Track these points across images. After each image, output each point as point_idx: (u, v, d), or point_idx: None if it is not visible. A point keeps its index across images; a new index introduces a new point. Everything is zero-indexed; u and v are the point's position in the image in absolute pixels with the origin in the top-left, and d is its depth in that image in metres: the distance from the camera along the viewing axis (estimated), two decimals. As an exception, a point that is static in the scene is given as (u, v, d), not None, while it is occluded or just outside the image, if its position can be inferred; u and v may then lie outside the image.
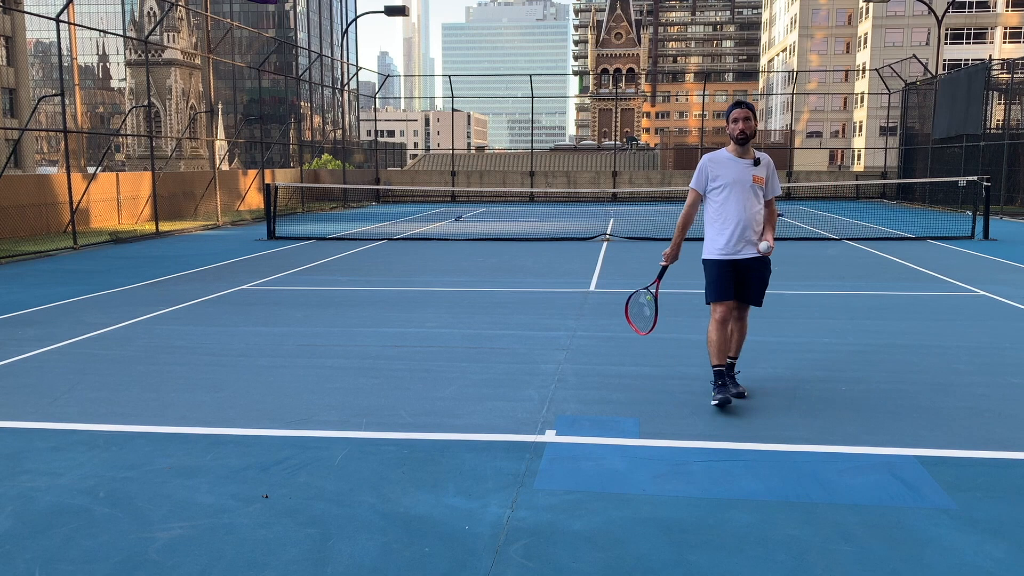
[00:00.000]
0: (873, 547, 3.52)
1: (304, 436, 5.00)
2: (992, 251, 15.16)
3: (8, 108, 51.97)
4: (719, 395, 5.47)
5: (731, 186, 5.46)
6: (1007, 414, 5.36)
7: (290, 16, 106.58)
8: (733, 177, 5.47)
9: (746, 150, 5.50)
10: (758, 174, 5.47)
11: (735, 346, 5.83)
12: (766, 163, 5.56)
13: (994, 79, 28.86)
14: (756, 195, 5.50)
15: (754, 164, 5.47)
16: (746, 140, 5.43)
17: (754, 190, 5.48)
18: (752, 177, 5.46)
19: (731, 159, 5.50)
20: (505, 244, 17.26)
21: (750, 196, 5.47)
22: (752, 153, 5.51)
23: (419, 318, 8.85)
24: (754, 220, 5.50)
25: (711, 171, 5.54)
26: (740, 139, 5.41)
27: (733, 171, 5.48)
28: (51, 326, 8.53)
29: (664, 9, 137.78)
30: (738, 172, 5.47)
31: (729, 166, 5.50)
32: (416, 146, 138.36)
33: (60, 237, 18.48)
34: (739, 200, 5.45)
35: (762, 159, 5.53)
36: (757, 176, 5.46)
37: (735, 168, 5.48)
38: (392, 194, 39.29)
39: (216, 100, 47.01)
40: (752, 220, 5.48)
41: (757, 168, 5.47)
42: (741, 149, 5.48)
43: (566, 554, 3.47)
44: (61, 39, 19.08)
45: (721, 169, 5.51)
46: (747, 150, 5.50)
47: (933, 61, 46.40)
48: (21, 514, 3.90)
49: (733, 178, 5.47)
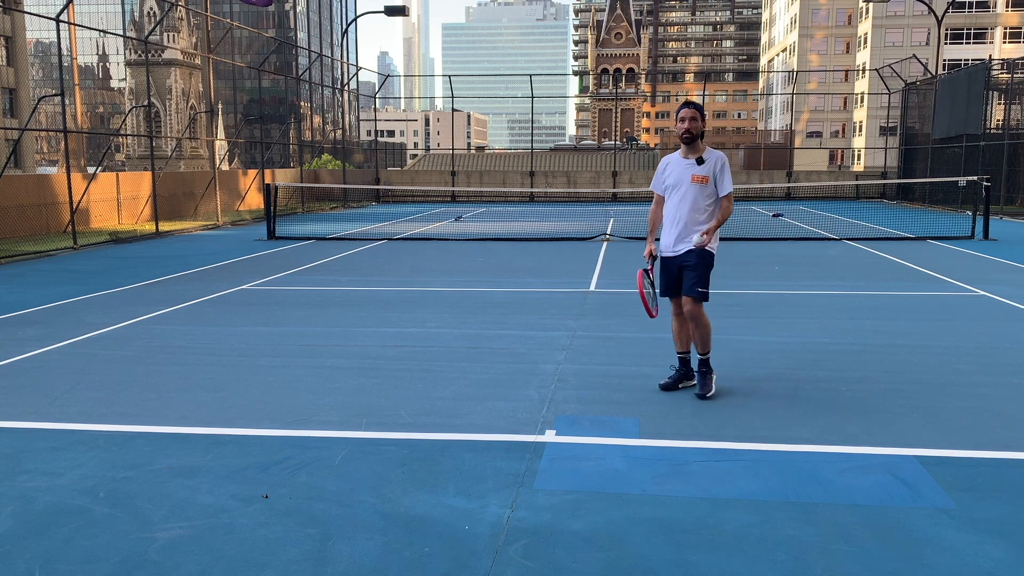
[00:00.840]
0: (873, 547, 3.52)
1: (304, 436, 5.00)
2: (992, 251, 15.16)
3: (8, 108, 51.97)
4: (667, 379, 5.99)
5: (675, 187, 5.66)
6: (1007, 414, 5.36)
7: (290, 16, 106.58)
8: (676, 178, 5.66)
9: (692, 149, 5.60)
10: (698, 173, 5.56)
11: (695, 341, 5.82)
12: (713, 161, 5.60)
13: (994, 79, 28.85)
14: (701, 194, 5.58)
15: (697, 163, 5.57)
16: (691, 140, 5.55)
17: (698, 189, 5.57)
18: (691, 176, 5.57)
19: (678, 160, 5.68)
20: (505, 244, 17.26)
21: (694, 195, 5.59)
22: (699, 152, 5.61)
23: (419, 318, 8.85)
24: (697, 220, 5.62)
25: (663, 172, 5.78)
26: (685, 139, 5.56)
27: (677, 171, 5.66)
28: (51, 326, 8.53)
29: (664, 9, 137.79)
30: (680, 172, 5.64)
31: (675, 167, 5.68)
32: (416, 146, 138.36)
33: (60, 237, 18.48)
34: (681, 200, 5.62)
35: (709, 158, 5.60)
36: (696, 175, 5.56)
37: (679, 168, 5.66)
38: (392, 194, 39.29)
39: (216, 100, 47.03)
40: (695, 220, 5.62)
41: (700, 167, 5.57)
42: (687, 149, 5.62)
43: (566, 554, 3.47)
44: (61, 39, 19.08)
45: (670, 170, 5.73)
46: (694, 149, 5.60)
47: (933, 61, 46.40)
48: (21, 514, 3.90)
49: (676, 179, 5.66)
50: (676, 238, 5.69)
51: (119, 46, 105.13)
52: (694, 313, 5.70)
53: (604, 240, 17.73)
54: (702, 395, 5.70)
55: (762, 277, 11.90)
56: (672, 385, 5.90)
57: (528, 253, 15.41)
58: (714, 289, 10.83)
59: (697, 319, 5.71)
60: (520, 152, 60.73)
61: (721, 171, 5.61)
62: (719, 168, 5.61)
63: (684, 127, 5.53)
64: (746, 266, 13.20)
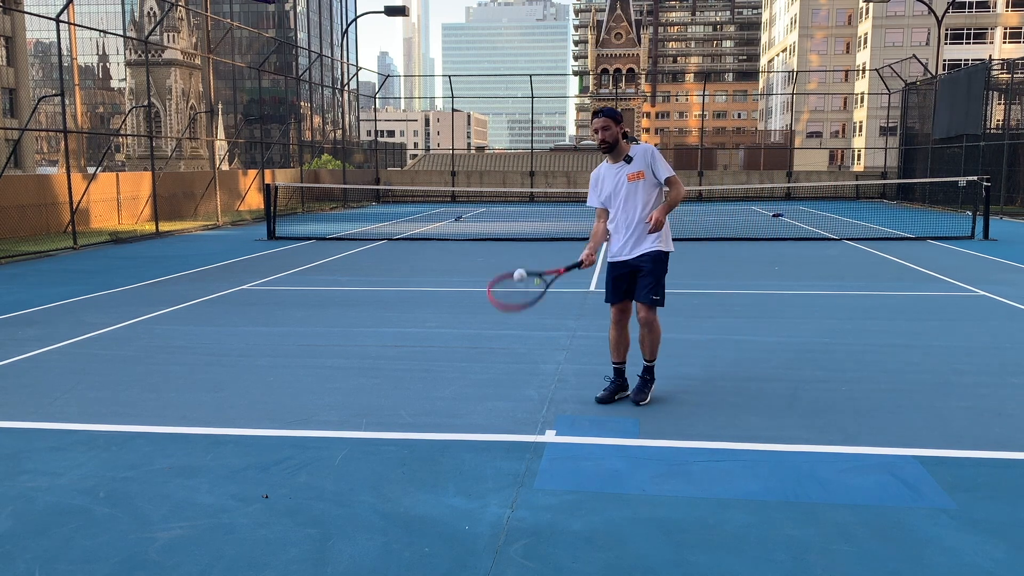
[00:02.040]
0: (873, 547, 3.52)
1: (304, 436, 5.00)
2: (992, 251, 15.16)
3: (8, 108, 51.96)
4: (603, 392, 5.71)
5: (615, 194, 5.50)
6: (1007, 414, 5.36)
7: (290, 16, 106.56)
8: (612, 185, 5.49)
9: (617, 154, 5.43)
10: (631, 171, 5.40)
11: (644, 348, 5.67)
12: (641, 154, 5.41)
13: (994, 79, 28.85)
14: (643, 190, 5.41)
15: (627, 163, 5.41)
16: (610, 148, 5.37)
17: (636, 188, 5.41)
18: (627, 176, 5.41)
19: (608, 168, 5.52)
20: (505, 244, 17.26)
21: (634, 197, 5.43)
22: (623, 153, 5.43)
23: (419, 318, 8.85)
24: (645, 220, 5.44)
25: (597, 185, 5.61)
26: (603, 149, 5.40)
27: (611, 181, 5.50)
28: (51, 326, 8.53)
29: (664, 9, 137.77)
30: (614, 179, 5.47)
31: (607, 177, 5.53)
32: (416, 146, 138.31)
33: (60, 237, 18.47)
34: (626, 203, 5.46)
35: (635, 153, 5.41)
36: (630, 174, 5.40)
37: (611, 176, 5.50)
38: (392, 194, 39.29)
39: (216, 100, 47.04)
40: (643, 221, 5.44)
41: (630, 166, 5.40)
42: (611, 156, 5.45)
43: (566, 554, 3.47)
44: (61, 39, 19.08)
45: (604, 181, 5.56)
46: (618, 154, 5.43)
47: (933, 61, 46.38)
48: (21, 514, 3.90)
49: (612, 186, 5.49)
50: (633, 242, 5.52)
51: (119, 46, 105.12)
52: (648, 320, 5.55)
53: (604, 240, 17.70)
54: (638, 401, 5.57)
55: (762, 277, 11.90)
56: (608, 398, 5.67)
57: (528, 253, 15.40)
58: (714, 289, 10.91)
59: (651, 325, 5.57)
60: (520, 152, 60.71)
61: (653, 159, 5.40)
62: (650, 158, 5.41)
63: (599, 138, 5.36)
64: (746, 266, 13.20)
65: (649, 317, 5.54)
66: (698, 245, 16.70)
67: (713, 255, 14.77)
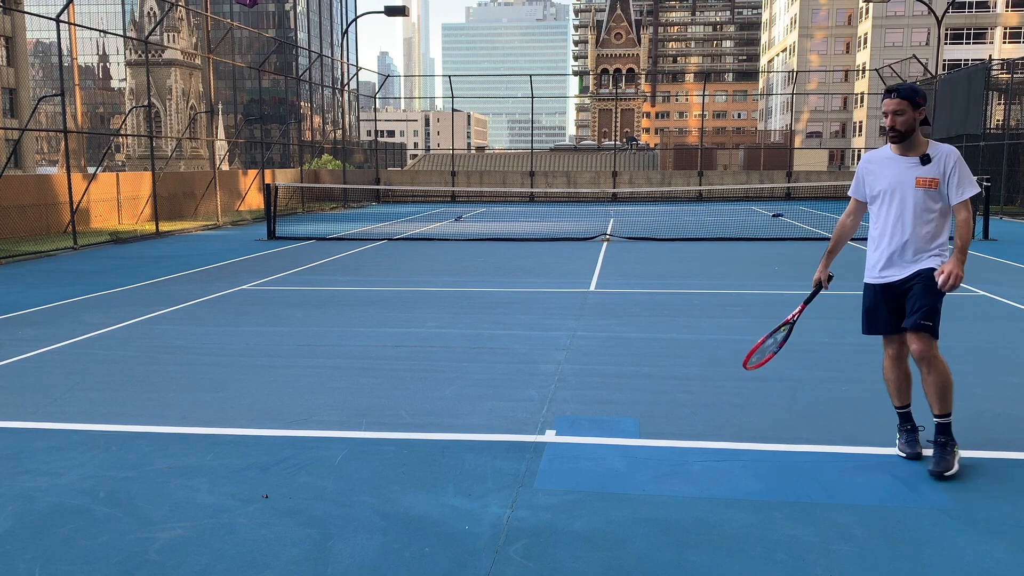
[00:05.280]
0: (873, 547, 3.52)
1: (304, 436, 5.00)
2: (992, 251, 15.16)
3: (8, 108, 51.95)
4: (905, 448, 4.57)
5: (886, 194, 4.43)
6: (1007, 414, 5.36)
7: (290, 16, 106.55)
8: (888, 183, 4.42)
9: (908, 146, 4.35)
10: (924, 175, 4.30)
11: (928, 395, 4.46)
12: (943, 157, 4.31)
13: (994, 79, 28.86)
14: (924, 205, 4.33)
15: (921, 162, 4.31)
16: (901, 138, 4.32)
17: (921, 198, 4.32)
18: (915, 179, 4.32)
19: (889, 158, 4.43)
20: (505, 244, 17.26)
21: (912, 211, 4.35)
22: (919, 148, 4.34)
23: (419, 318, 8.84)
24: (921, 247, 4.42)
25: (864, 177, 4.57)
26: (893, 138, 4.34)
27: (889, 175, 4.42)
28: (51, 326, 8.52)
29: (664, 9, 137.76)
30: (896, 175, 4.39)
31: (885, 168, 4.44)
32: (416, 146, 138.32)
33: (60, 237, 18.48)
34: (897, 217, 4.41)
35: (936, 153, 4.32)
36: (922, 179, 4.30)
37: (891, 170, 4.42)
38: (392, 194, 39.29)
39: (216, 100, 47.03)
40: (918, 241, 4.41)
41: (925, 167, 4.30)
42: (901, 147, 4.37)
43: (566, 554, 3.47)
44: (61, 39, 19.08)
45: (876, 173, 4.48)
46: (910, 146, 4.34)
47: (933, 61, 46.39)
48: (21, 514, 3.90)
49: (888, 184, 4.42)
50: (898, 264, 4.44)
51: (119, 46, 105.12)
52: (923, 353, 4.35)
53: (604, 240, 17.73)
54: (938, 473, 4.25)
55: (762, 277, 11.90)
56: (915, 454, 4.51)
57: (528, 253, 15.40)
58: (715, 289, 10.91)
59: (930, 362, 4.36)
60: (520, 152, 60.73)
61: (956, 170, 4.28)
62: (952, 166, 4.28)
63: (889, 124, 4.30)
64: (746, 266, 13.21)
65: (923, 350, 4.36)
66: (698, 245, 16.70)
67: (713, 255, 14.77)
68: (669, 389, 5.99)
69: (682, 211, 29.30)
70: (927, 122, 4.35)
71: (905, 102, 4.23)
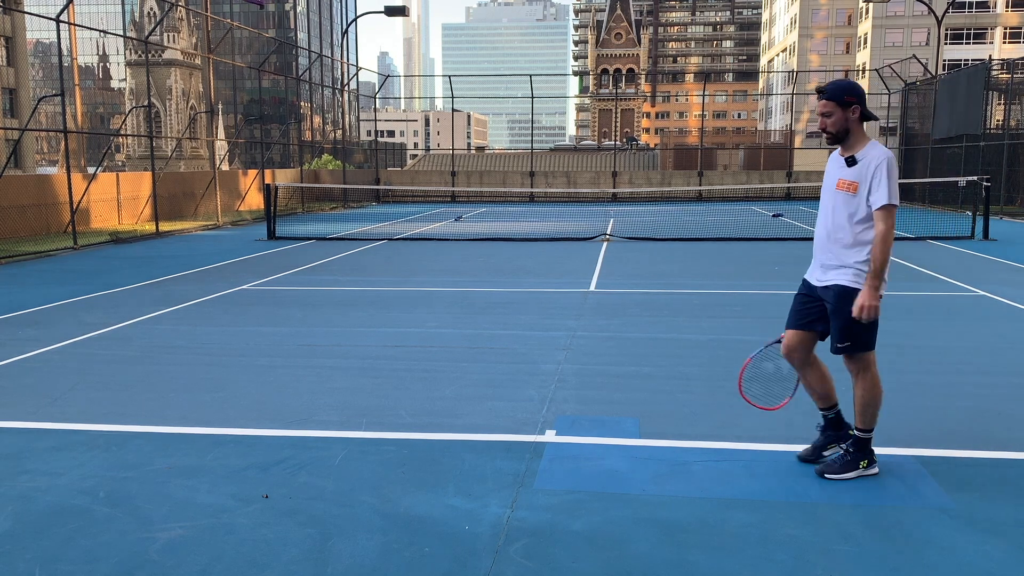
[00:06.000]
0: (873, 547, 3.52)
1: (304, 436, 5.00)
2: (992, 251, 15.16)
3: (8, 108, 51.96)
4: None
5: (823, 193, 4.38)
6: (1007, 414, 5.36)
7: (290, 16, 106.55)
8: (826, 184, 4.33)
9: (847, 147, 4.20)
10: (846, 177, 4.15)
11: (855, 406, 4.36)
12: (868, 161, 4.09)
13: (994, 79, 28.85)
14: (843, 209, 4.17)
15: (847, 164, 4.17)
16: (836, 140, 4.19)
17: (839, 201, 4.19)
18: (836, 182, 4.22)
19: (834, 159, 4.32)
20: (505, 244, 17.26)
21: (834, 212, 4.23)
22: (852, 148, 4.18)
23: (419, 318, 8.84)
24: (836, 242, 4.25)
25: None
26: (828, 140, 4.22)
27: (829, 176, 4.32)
28: (51, 326, 8.52)
29: (664, 9, 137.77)
30: (831, 176, 4.29)
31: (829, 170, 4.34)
32: (416, 146, 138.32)
33: (60, 237, 18.47)
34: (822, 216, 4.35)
35: (863, 157, 4.11)
36: (843, 181, 4.17)
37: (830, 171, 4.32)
38: (392, 194, 39.29)
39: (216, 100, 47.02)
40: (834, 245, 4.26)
41: (850, 169, 4.15)
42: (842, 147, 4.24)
43: (566, 554, 3.47)
44: (61, 39, 19.08)
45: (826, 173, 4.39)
46: (848, 147, 4.19)
47: (933, 61, 46.41)
48: (21, 514, 3.90)
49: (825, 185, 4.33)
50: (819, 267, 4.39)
51: (119, 46, 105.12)
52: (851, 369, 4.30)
53: (604, 240, 17.73)
54: (821, 472, 4.30)
55: (762, 277, 11.90)
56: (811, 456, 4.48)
57: (528, 253, 15.40)
58: (715, 289, 10.92)
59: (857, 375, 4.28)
60: (520, 152, 60.71)
61: (876, 173, 4.06)
62: (873, 170, 4.07)
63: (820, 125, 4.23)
64: (746, 266, 13.21)
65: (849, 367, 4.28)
66: (698, 245, 16.70)
67: (713, 255, 14.77)
68: (669, 389, 5.99)
69: (682, 211, 29.30)
70: (868, 117, 4.13)
71: (831, 103, 4.11)
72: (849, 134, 4.14)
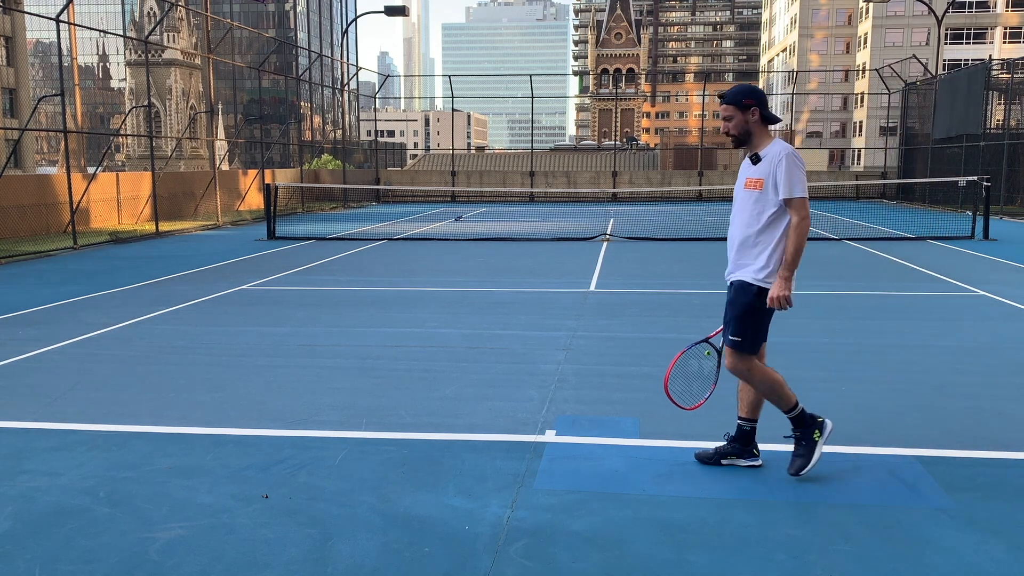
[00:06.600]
0: (873, 547, 3.52)
1: (304, 436, 5.00)
2: (992, 251, 15.16)
3: (8, 108, 51.95)
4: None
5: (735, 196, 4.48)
6: (1007, 414, 5.36)
7: (290, 16, 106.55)
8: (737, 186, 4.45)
9: (750, 147, 4.29)
10: (753, 175, 4.23)
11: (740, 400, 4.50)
12: (771, 157, 4.17)
13: (994, 79, 28.86)
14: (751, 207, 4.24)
15: (752, 162, 4.26)
16: (740, 143, 4.29)
17: (748, 200, 4.25)
18: (744, 181, 4.30)
19: (744, 162, 4.39)
20: (505, 244, 17.26)
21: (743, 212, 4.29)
22: (755, 147, 4.27)
23: (419, 318, 8.84)
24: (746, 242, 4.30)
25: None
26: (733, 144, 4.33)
27: (739, 177, 4.39)
28: (51, 326, 8.52)
29: (664, 9, 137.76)
30: (740, 177, 4.37)
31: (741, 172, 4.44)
32: (416, 146, 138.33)
33: (60, 237, 18.47)
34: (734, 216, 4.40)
35: (767, 154, 4.20)
36: (750, 180, 4.25)
37: (741, 172, 4.38)
38: (392, 194, 39.29)
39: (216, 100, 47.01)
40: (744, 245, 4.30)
41: (755, 167, 4.23)
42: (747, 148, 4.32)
43: (566, 554, 3.47)
44: (61, 39, 19.07)
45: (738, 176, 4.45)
46: (751, 147, 4.28)
47: (933, 61, 46.40)
48: (21, 514, 3.90)
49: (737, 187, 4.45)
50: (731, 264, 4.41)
51: (119, 46, 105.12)
52: (732, 368, 4.30)
53: (604, 240, 17.73)
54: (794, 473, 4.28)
55: (762, 277, 11.89)
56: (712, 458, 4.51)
57: (528, 253, 15.40)
58: (715, 289, 10.90)
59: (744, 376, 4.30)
60: (520, 152, 60.72)
61: (779, 167, 4.12)
62: (776, 164, 4.13)
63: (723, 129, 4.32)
64: (746, 266, 13.20)
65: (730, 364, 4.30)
66: (698, 245, 16.70)
67: (713, 255, 14.76)
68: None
69: (682, 211, 29.30)
70: (770, 119, 4.20)
71: (731, 107, 4.20)
72: (751, 135, 4.23)
